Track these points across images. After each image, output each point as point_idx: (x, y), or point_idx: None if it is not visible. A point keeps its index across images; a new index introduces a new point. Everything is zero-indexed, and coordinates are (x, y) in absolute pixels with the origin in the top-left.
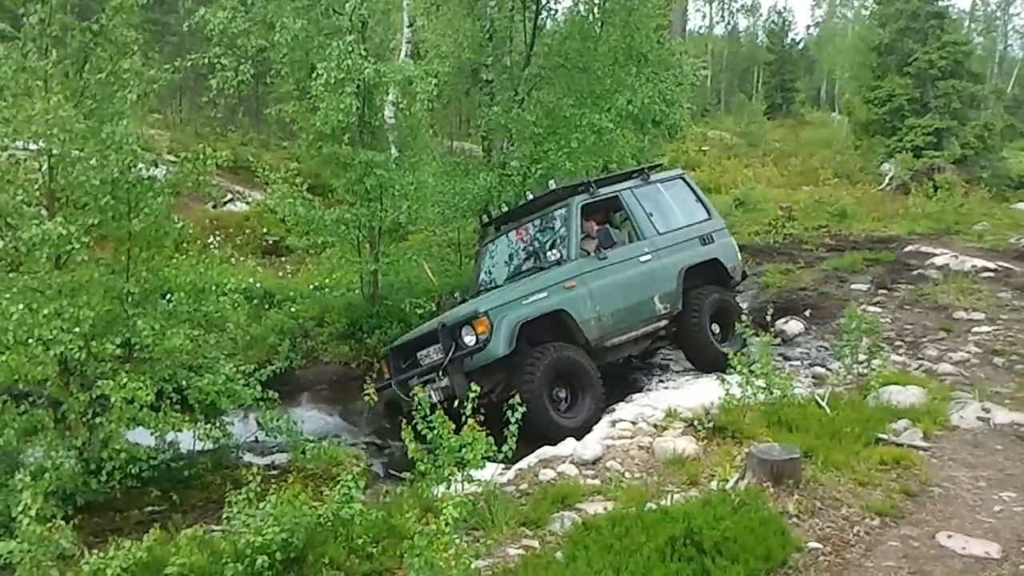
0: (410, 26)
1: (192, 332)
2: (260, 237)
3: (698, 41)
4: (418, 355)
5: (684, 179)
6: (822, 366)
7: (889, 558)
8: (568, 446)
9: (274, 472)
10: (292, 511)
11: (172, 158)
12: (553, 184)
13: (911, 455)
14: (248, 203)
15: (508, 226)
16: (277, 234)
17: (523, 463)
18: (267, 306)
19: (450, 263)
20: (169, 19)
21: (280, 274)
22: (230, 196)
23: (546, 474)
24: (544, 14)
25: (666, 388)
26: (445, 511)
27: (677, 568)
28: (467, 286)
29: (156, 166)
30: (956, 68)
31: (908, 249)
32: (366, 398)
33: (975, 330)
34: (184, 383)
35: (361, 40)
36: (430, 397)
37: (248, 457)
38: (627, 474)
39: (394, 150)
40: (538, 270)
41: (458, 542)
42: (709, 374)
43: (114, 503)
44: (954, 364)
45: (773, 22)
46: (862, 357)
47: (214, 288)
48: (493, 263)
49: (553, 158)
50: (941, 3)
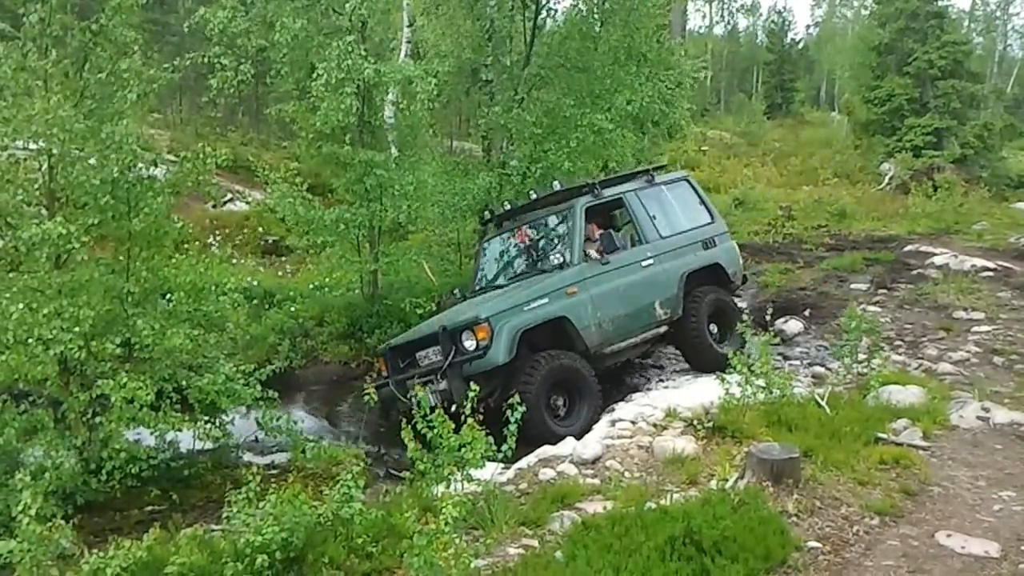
0: (410, 26)
1: (192, 332)
2: (260, 237)
3: (698, 41)
4: (417, 355)
5: (688, 181)
6: (822, 365)
7: (888, 557)
8: (568, 445)
9: (274, 472)
10: (292, 510)
11: (172, 158)
12: (557, 186)
13: (911, 454)
14: (248, 203)
15: (510, 223)
16: (277, 234)
17: (523, 462)
18: (267, 306)
19: (450, 263)
20: (169, 19)
21: (280, 274)
22: (230, 196)
23: (546, 473)
24: (544, 14)
25: (665, 388)
26: (445, 510)
27: (676, 567)
28: (467, 284)
29: (156, 166)
30: (956, 68)
31: (908, 249)
32: (366, 398)
33: (975, 329)
34: (184, 383)
35: (361, 40)
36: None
37: (248, 457)
38: (627, 473)
39: (394, 150)
40: (540, 273)
41: (458, 541)
42: (708, 374)
43: (114, 503)
44: (954, 363)
45: (773, 22)
46: (862, 357)
47: (214, 288)
48: (494, 261)
49: (552, 158)
50: (941, 3)
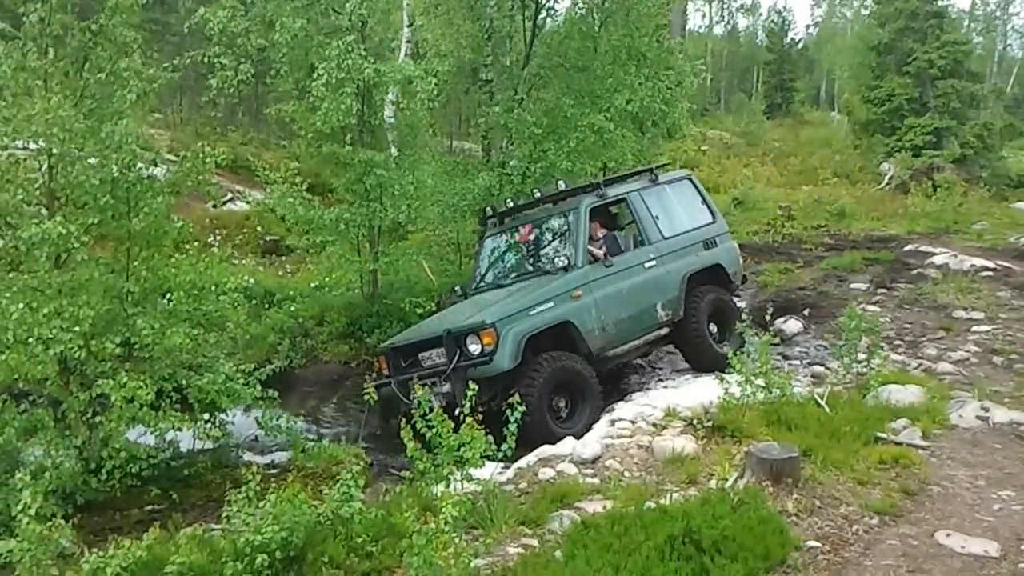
0: (410, 26)
1: (192, 331)
2: (260, 237)
3: (698, 41)
4: (419, 356)
5: (691, 180)
6: (821, 365)
7: (888, 557)
8: (567, 445)
9: (274, 471)
10: (292, 510)
11: (172, 157)
12: (562, 185)
13: (910, 454)
14: (248, 202)
15: (513, 220)
16: (277, 233)
17: (522, 462)
18: (267, 305)
19: (450, 263)
20: (169, 19)
21: (280, 273)
22: (230, 195)
23: (545, 473)
24: (544, 13)
25: (665, 387)
26: (444, 510)
27: (676, 567)
28: (468, 282)
29: (156, 165)
30: (955, 68)
31: (907, 248)
32: (366, 397)
33: (974, 329)
34: (184, 382)
35: (361, 40)
36: (429, 401)
37: (248, 456)
38: (626, 473)
39: (394, 150)
40: (543, 274)
41: (457, 541)
42: (708, 374)
43: (114, 502)
44: (953, 363)
45: (773, 22)
46: (861, 356)
47: (214, 287)
48: (496, 259)
49: (552, 158)
50: (940, 2)
